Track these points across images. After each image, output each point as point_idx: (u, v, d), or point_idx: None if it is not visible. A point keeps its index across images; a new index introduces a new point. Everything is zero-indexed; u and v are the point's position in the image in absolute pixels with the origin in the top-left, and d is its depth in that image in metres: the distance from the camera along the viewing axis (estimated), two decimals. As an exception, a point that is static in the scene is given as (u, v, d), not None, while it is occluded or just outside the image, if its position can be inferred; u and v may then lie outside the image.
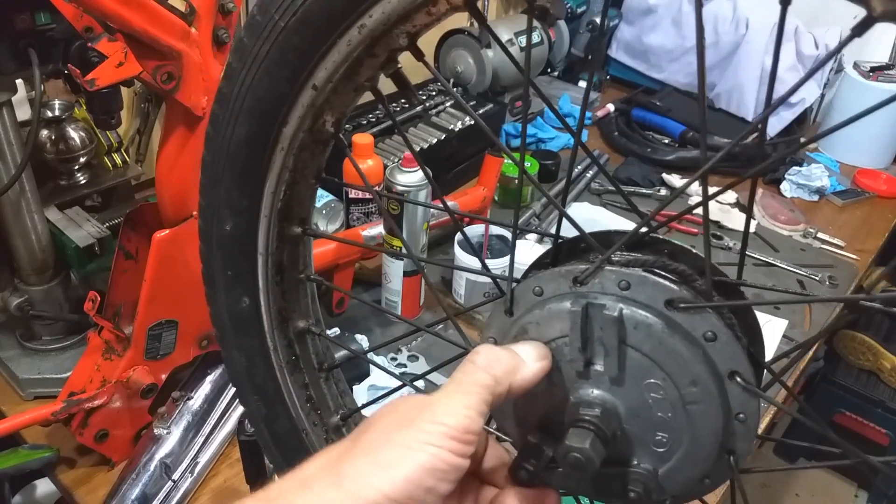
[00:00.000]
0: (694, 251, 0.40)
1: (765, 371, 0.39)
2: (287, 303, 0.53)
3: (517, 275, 0.43)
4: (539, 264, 0.44)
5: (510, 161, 1.46)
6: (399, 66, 0.44)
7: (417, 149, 1.39)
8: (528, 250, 1.28)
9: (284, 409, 0.55)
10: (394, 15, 0.38)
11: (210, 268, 0.52)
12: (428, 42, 1.72)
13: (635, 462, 0.41)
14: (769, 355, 0.40)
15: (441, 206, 0.51)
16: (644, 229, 0.40)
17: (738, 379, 0.37)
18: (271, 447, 0.58)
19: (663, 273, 0.39)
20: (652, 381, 0.39)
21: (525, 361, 0.39)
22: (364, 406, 0.58)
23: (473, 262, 1.15)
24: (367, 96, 0.48)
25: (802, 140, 1.79)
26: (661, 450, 0.40)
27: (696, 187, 1.61)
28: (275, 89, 0.43)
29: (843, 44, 0.31)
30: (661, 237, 0.41)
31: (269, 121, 0.44)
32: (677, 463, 0.40)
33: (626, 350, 0.38)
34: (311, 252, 0.54)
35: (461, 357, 0.44)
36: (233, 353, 0.55)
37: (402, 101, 1.55)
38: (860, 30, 0.28)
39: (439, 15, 0.39)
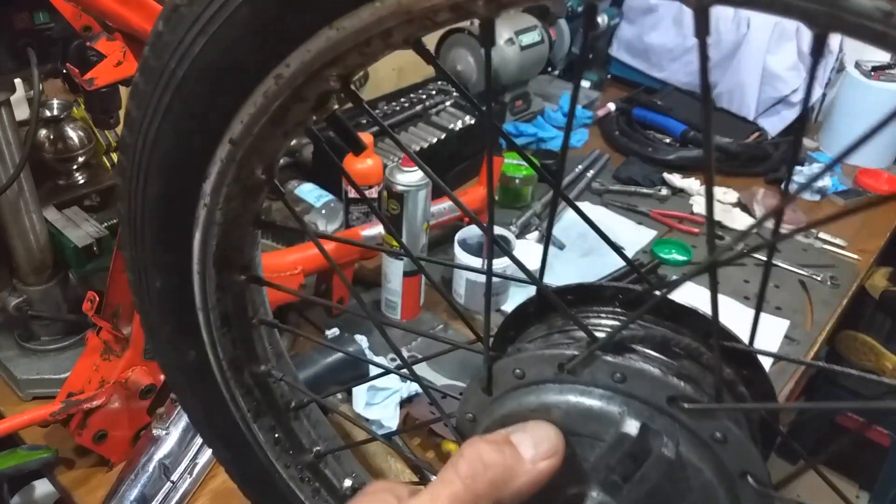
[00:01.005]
0: (700, 313, 0.35)
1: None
2: (239, 351, 0.48)
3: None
4: (520, 316, 0.39)
5: (510, 161, 1.45)
6: (335, 108, 0.38)
7: (417, 148, 1.38)
8: (528, 250, 1.27)
9: (251, 453, 0.51)
10: (316, 62, 0.32)
11: (148, 322, 0.47)
12: (428, 40, 1.71)
13: None
14: (769, 358, 0.38)
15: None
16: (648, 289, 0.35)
17: (750, 479, 0.33)
18: (244, 488, 0.55)
19: (665, 359, 0.34)
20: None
21: (525, 460, 0.32)
22: (341, 448, 0.54)
23: (473, 262, 1.15)
24: (367, 95, 0.47)
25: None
26: None
27: (698, 187, 1.61)
28: (185, 145, 0.37)
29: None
30: (665, 297, 0.35)
31: (184, 177, 0.38)
32: None
33: (666, 486, 0.33)
34: (263, 296, 0.48)
35: (440, 420, 0.39)
36: (187, 402, 0.50)
37: (402, 100, 1.55)
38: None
39: (374, 55, 0.33)
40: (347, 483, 0.55)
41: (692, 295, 1.20)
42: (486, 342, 0.38)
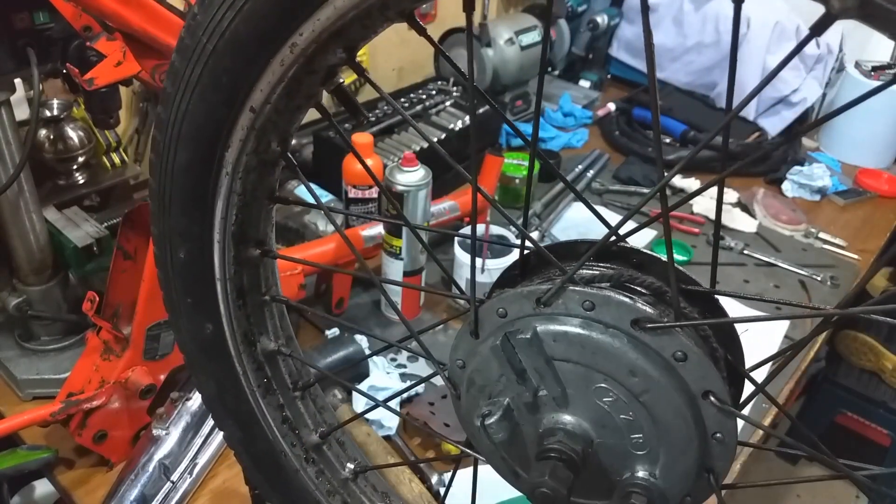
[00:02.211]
0: (664, 259, 0.38)
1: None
2: (252, 326, 0.52)
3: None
4: (506, 278, 0.42)
5: (510, 161, 1.45)
6: (341, 81, 0.42)
7: (417, 148, 1.38)
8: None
9: (260, 432, 0.54)
10: (325, 32, 0.36)
11: (170, 295, 0.51)
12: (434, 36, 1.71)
13: (629, 473, 0.40)
14: (769, 355, 0.39)
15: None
16: (612, 239, 0.38)
17: (712, 398, 0.36)
18: (252, 469, 0.57)
19: (630, 288, 0.37)
20: (596, 386, 0.38)
21: None
22: (343, 424, 0.57)
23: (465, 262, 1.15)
24: (367, 96, 0.48)
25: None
26: (644, 451, 0.39)
27: (695, 186, 1.61)
28: (212, 113, 0.41)
29: (801, 45, 0.31)
30: (629, 246, 0.39)
31: (210, 145, 0.42)
32: (667, 457, 0.39)
33: (555, 365, 0.37)
34: (275, 273, 0.52)
35: (434, 375, 0.45)
36: (202, 378, 0.54)
37: (402, 100, 1.55)
38: (819, 29, 0.28)
39: (374, 27, 0.38)
40: (350, 467, 0.57)
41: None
42: (473, 289, 0.41)
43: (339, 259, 1.11)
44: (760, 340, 1.17)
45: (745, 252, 1.42)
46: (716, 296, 0.39)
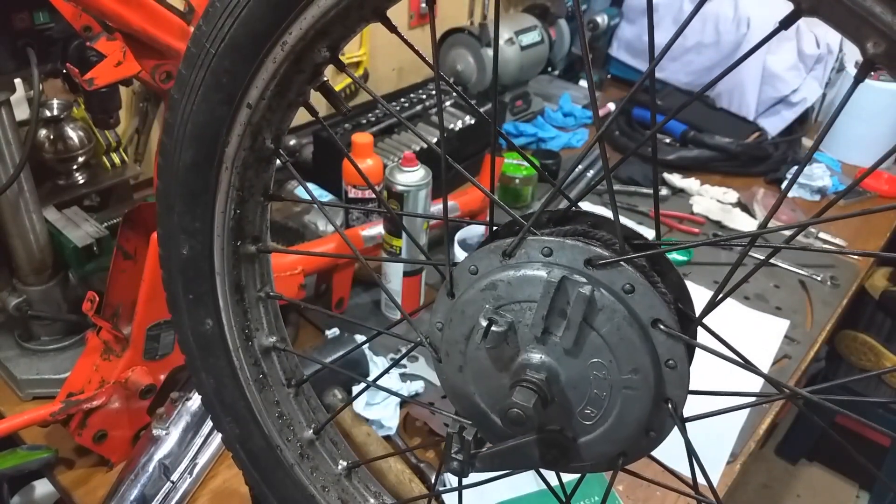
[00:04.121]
0: (611, 219, 0.43)
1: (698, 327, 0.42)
2: (249, 321, 0.55)
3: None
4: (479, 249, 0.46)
5: (510, 161, 1.45)
6: (325, 79, 0.47)
7: (417, 148, 1.38)
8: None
9: (257, 428, 0.57)
10: (311, 30, 0.42)
11: (173, 294, 0.54)
12: (428, 40, 1.71)
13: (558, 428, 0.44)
14: (769, 355, 0.41)
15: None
16: (567, 204, 0.43)
17: (661, 326, 0.40)
18: (248, 466, 0.59)
19: (582, 238, 0.42)
20: (599, 360, 0.41)
21: None
22: (336, 414, 0.59)
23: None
24: (367, 95, 0.50)
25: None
26: (588, 423, 0.43)
27: (696, 186, 1.61)
28: (213, 112, 0.46)
29: (766, 38, 0.34)
30: (584, 210, 0.45)
31: (212, 143, 0.47)
32: (598, 437, 0.43)
33: (586, 328, 0.41)
34: (269, 269, 0.56)
35: (415, 348, 0.49)
36: (201, 375, 0.56)
37: (402, 100, 1.55)
38: (786, 23, 0.32)
39: (353, 27, 0.43)
40: (343, 463, 0.60)
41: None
42: (448, 253, 0.46)
43: (338, 259, 1.10)
44: (762, 338, 1.17)
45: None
46: (662, 247, 0.43)
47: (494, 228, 0.46)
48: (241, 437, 0.58)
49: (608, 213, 0.43)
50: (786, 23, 0.32)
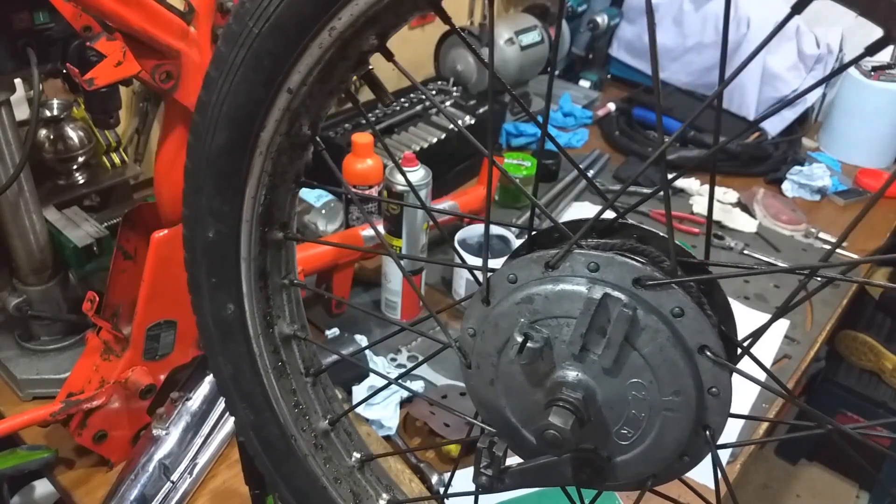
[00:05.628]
0: (661, 234, 0.41)
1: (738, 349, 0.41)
2: (272, 308, 0.54)
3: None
4: (515, 255, 0.45)
5: (510, 161, 1.45)
6: (370, 67, 0.45)
7: (417, 148, 1.38)
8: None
9: (272, 416, 0.56)
10: (362, 17, 0.40)
11: (195, 276, 0.53)
12: (428, 40, 1.71)
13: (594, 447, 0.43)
14: (770, 354, 0.41)
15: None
16: (613, 215, 0.41)
17: (708, 353, 0.38)
18: (261, 454, 0.58)
19: (631, 255, 0.40)
20: (639, 380, 0.40)
21: None
22: (353, 408, 0.59)
23: (474, 262, 1.15)
24: (366, 95, 0.50)
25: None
26: (624, 443, 0.42)
27: (696, 186, 1.61)
28: (252, 94, 0.44)
29: (855, 59, 0.32)
30: (631, 222, 0.42)
31: (247, 126, 0.45)
32: (633, 458, 0.42)
33: (627, 347, 0.39)
34: (294, 257, 0.54)
35: (443, 349, 0.47)
36: (219, 360, 0.55)
37: (402, 100, 1.55)
38: (873, 50, 0.30)
39: (405, 15, 0.41)
40: (357, 455, 0.59)
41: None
42: (486, 258, 0.45)
43: (340, 258, 1.11)
44: (760, 343, 1.17)
45: (745, 252, 1.42)
46: (709, 267, 0.41)
47: (533, 234, 0.44)
48: (256, 424, 0.57)
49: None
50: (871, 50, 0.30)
